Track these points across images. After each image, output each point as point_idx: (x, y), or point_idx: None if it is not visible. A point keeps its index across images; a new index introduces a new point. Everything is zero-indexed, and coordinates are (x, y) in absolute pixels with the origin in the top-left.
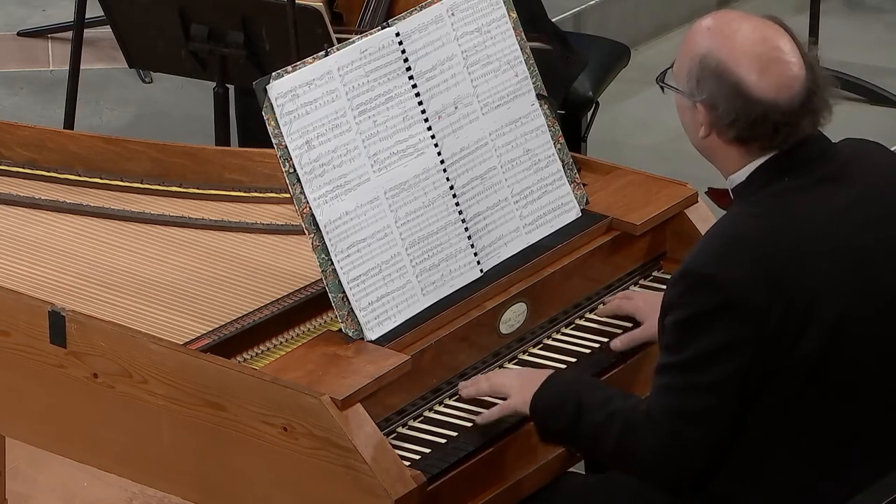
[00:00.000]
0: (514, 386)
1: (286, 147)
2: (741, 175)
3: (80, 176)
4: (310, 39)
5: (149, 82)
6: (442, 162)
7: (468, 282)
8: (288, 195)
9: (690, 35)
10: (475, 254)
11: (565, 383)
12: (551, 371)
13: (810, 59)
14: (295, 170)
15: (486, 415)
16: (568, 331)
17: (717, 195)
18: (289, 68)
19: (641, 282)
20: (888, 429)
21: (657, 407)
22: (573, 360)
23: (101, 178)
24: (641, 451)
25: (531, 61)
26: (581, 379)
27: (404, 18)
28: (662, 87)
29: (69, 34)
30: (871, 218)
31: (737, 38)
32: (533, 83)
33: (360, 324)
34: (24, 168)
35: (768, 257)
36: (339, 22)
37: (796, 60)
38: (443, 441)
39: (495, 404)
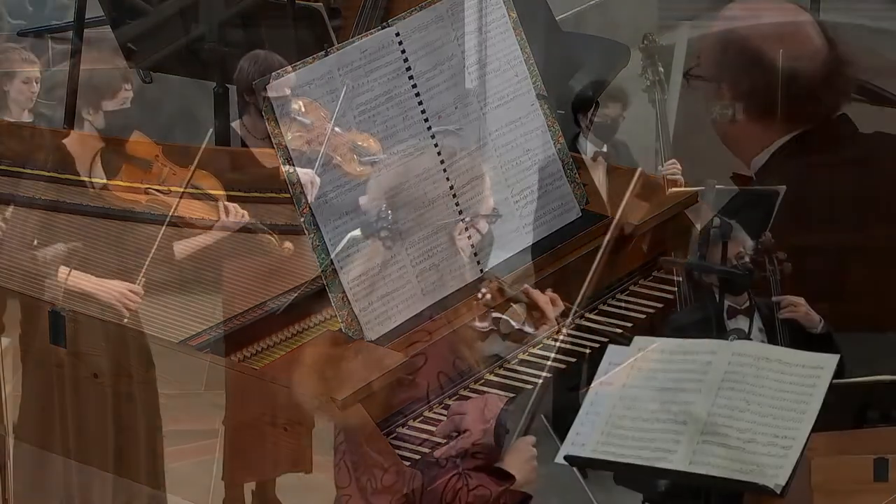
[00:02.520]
0: (469, 420)
1: (286, 147)
2: (763, 157)
3: (80, 176)
4: (310, 39)
5: (149, 82)
6: (442, 162)
7: (468, 282)
8: (288, 195)
9: (716, 24)
10: (475, 254)
11: (524, 398)
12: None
13: (834, 39)
14: (295, 170)
15: (444, 450)
16: (567, 331)
17: (742, 180)
18: (289, 68)
19: (641, 281)
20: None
21: None
22: (573, 360)
23: (101, 179)
24: None
25: (531, 61)
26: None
27: (404, 18)
28: (688, 79)
29: (69, 34)
30: (888, 203)
31: (759, 17)
32: (533, 83)
33: (360, 324)
34: (24, 168)
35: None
36: (336, 17)
37: (817, 36)
38: (443, 441)
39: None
